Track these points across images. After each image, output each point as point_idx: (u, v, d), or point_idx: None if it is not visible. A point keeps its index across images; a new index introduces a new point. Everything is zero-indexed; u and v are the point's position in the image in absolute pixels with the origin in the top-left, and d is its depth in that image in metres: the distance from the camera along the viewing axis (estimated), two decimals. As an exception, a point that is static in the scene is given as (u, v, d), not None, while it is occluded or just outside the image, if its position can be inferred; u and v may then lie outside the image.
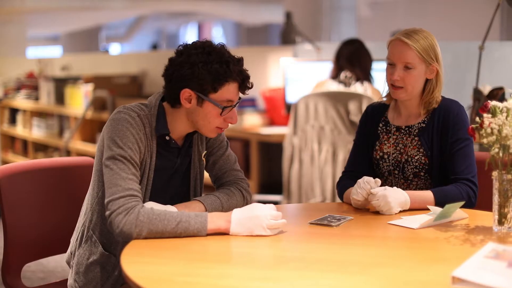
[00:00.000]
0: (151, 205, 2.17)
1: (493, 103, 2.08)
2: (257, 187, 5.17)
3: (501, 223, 2.11)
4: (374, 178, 2.40)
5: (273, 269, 1.83)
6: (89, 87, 6.94)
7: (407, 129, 2.60)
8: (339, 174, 4.06)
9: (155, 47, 17.26)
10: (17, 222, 2.53)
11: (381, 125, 2.66)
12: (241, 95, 2.28)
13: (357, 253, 1.96)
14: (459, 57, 5.14)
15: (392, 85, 2.54)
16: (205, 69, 2.18)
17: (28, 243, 2.58)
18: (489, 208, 2.19)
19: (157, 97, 2.31)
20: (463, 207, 2.29)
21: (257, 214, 2.08)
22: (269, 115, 5.60)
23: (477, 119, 2.09)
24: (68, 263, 2.41)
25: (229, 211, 2.17)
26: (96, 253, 2.31)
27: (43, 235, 2.63)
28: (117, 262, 2.26)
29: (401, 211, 2.37)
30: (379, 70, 4.55)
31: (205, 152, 2.43)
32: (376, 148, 2.64)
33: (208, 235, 2.08)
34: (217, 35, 21.02)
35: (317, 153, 4.36)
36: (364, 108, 3.54)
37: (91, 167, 2.38)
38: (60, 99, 7.53)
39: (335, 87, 4.45)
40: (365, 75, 4.52)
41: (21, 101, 8.27)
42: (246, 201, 2.40)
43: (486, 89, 3.94)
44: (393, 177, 2.60)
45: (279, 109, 5.46)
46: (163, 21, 18.84)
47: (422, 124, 2.57)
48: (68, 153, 7.13)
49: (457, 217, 2.28)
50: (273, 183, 5.21)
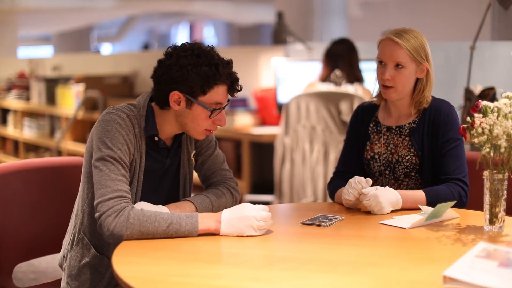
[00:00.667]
0: (142, 205, 2.16)
1: (484, 103, 2.09)
2: (248, 187, 5.16)
3: (492, 222, 2.11)
4: (365, 178, 2.40)
5: (265, 269, 1.83)
6: (80, 87, 6.92)
7: (397, 129, 2.60)
8: (330, 174, 4.05)
9: (146, 47, 17.27)
10: (7, 222, 2.52)
11: (371, 125, 2.66)
12: (230, 97, 2.28)
13: (349, 253, 1.96)
14: (450, 57, 5.16)
15: (383, 85, 2.54)
16: (194, 72, 2.17)
17: (19, 244, 2.57)
18: (480, 207, 2.19)
19: (146, 98, 2.30)
20: (454, 206, 2.29)
21: (246, 214, 2.08)
22: (261, 115, 5.59)
23: (468, 119, 2.09)
24: (60, 266, 2.40)
25: (219, 210, 2.18)
26: (88, 255, 2.30)
27: (34, 236, 2.62)
28: (110, 263, 2.25)
29: (392, 211, 2.38)
30: (370, 70, 4.56)
31: (194, 152, 2.43)
32: (367, 148, 2.64)
33: (199, 235, 2.08)
34: (209, 35, 21.01)
35: (309, 153, 4.36)
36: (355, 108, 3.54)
37: (82, 168, 2.37)
38: (51, 99, 7.51)
39: (325, 88, 4.45)
40: (355, 75, 4.52)
41: (12, 101, 8.25)
42: (235, 200, 2.41)
43: (477, 89, 3.95)
44: (383, 177, 2.61)
45: (270, 109, 5.46)
46: (154, 21, 18.83)
47: (412, 124, 2.58)
48: (59, 153, 7.12)
49: (448, 217, 2.28)
50: (264, 183, 5.20)
